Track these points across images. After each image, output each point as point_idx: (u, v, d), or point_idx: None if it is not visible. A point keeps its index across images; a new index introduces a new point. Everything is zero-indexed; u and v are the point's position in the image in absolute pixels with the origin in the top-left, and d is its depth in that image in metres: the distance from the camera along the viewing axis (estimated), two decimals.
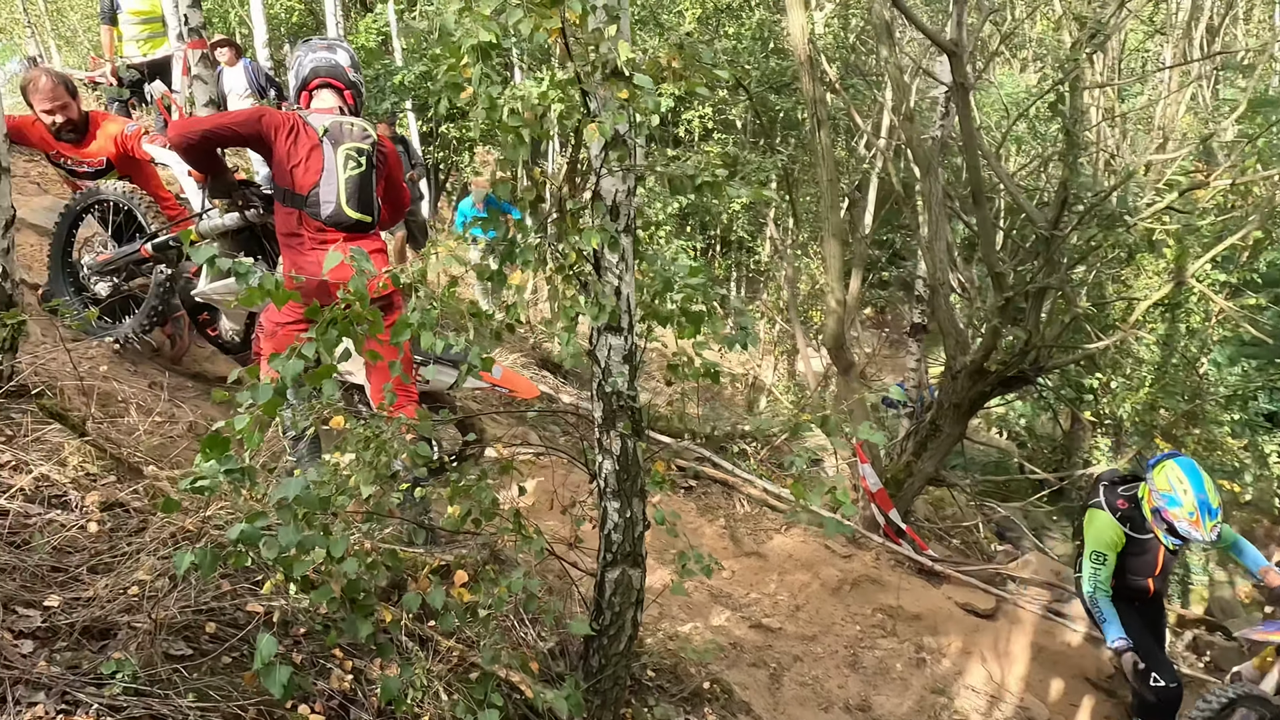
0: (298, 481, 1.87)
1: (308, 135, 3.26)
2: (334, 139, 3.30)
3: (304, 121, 3.28)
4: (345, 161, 3.30)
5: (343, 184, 3.28)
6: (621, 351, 2.60)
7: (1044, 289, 5.21)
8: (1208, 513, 3.75)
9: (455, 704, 2.35)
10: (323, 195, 3.25)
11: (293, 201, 3.24)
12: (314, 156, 3.24)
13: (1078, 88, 5.10)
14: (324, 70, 3.42)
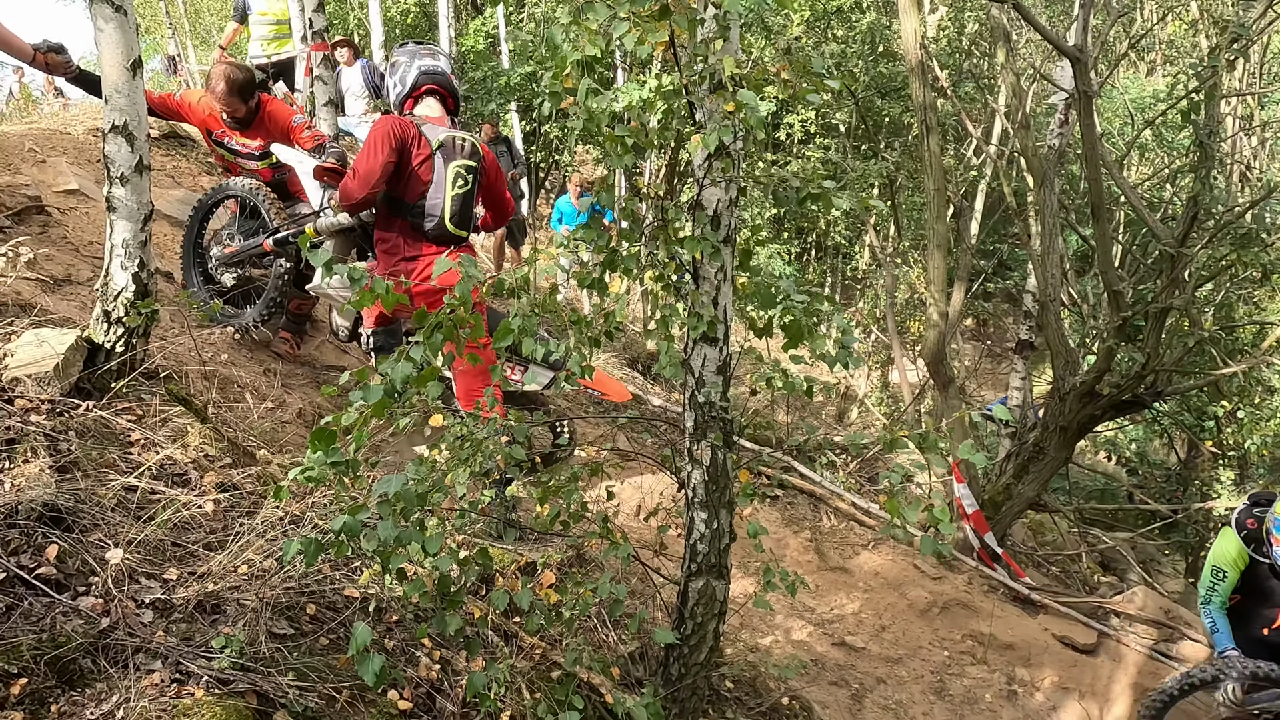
0: (398, 478, 1.94)
1: (422, 147, 3.37)
2: (446, 155, 3.42)
3: (420, 132, 3.39)
4: (455, 179, 3.42)
5: (449, 200, 3.40)
6: (716, 362, 2.58)
7: (1166, 309, 4.89)
8: None
9: (537, 703, 2.39)
10: (428, 208, 3.37)
11: (398, 208, 3.37)
12: (425, 168, 3.36)
13: (1214, 95, 4.77)
14: (431, 77, 3.52)
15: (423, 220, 3.38)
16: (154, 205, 3.06)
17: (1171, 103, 5.22)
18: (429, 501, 2.11)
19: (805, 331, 2.59)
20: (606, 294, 2.29)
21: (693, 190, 2.41)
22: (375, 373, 2.16)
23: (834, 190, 2.24)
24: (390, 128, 3.37)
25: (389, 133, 3.35)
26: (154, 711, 1.84)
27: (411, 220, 3.38)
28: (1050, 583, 6.77)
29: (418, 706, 2.46)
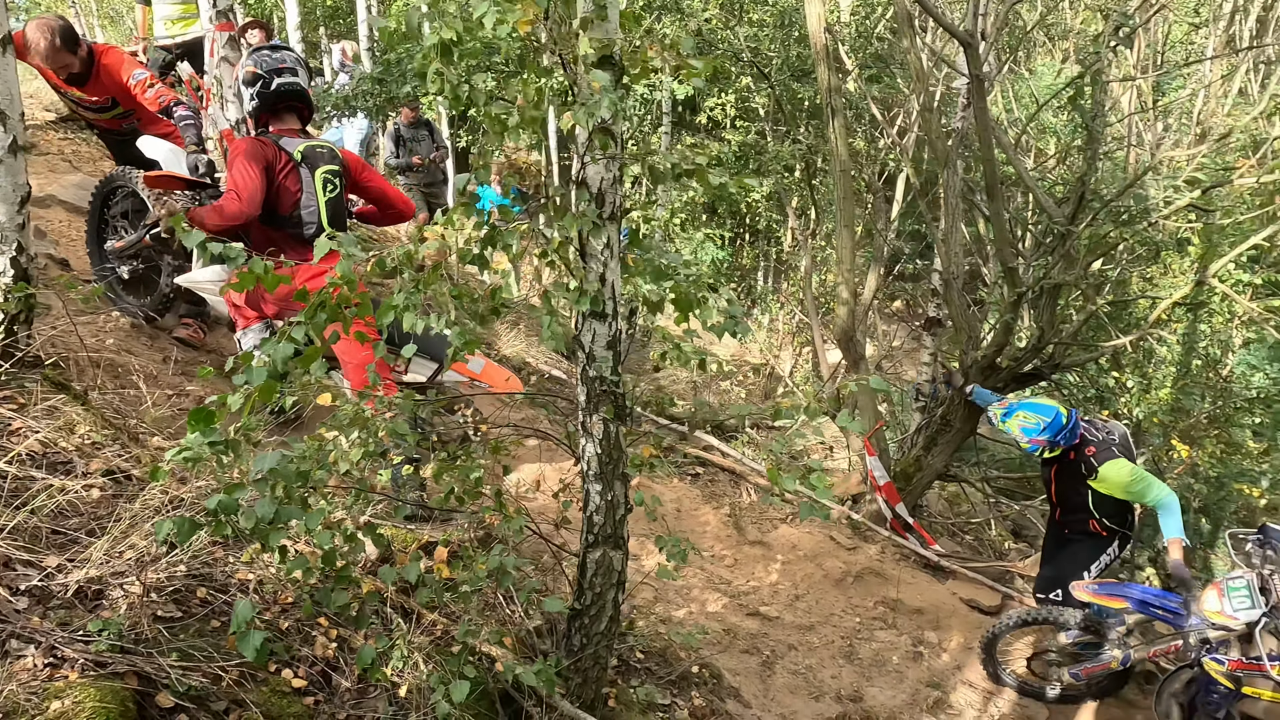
0: (275, 455, 1.94)
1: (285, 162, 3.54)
2: (310, 164, 3.60)
3: (279, 148, 3.56)
4: (324, 185, 3.62)
5: (323, 206, 3.61)
6: (606, 338, 2.63)
7: (1058, 285, 5.14)
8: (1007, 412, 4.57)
9: (432, 673, 2.43)
10: (305, 217, 3.57)
11: (273, 220, 3.54)
12: (291, 180, 3.53)
13: (1100, 81, 5.00)
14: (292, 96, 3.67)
15: (302, 229, 3.57)
16: (31, 188, 2.97)
17: (1060, 87, 5.48)
18: (311, 479, 2.12)
19: (693, 304, 2.67)
20: (488, 270, 2.32)
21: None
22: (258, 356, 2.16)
23: (708, 167, 2.30)
24: (254, 148, 3.51)
25: (255, 153, 3.49)
26: (24, 695, 1.83)
27: (290, 230, 3.57)
28: (961, 550, 7.06)
29: (313, 685, 2.47)
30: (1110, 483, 4.35)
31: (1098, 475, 4.39)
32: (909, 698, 4.36)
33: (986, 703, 4.63)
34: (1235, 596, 3.83)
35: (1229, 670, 3.80)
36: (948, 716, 4.31)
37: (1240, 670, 3.79)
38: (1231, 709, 3.90)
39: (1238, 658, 3.80)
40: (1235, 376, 7.50)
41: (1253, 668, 3.75)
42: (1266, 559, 3.91)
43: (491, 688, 2.81)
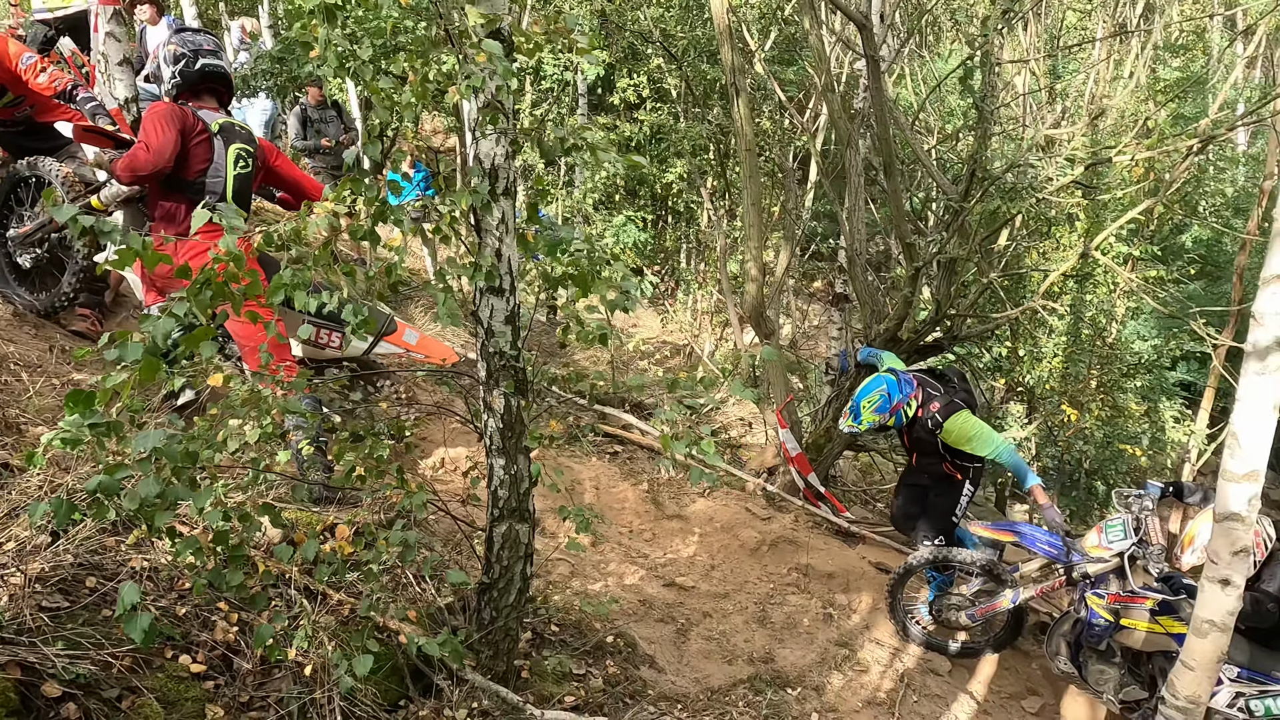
0: (158, 434, 1.91)
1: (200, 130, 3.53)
2: (226, 138, 3.59)
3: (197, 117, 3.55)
4: (236, 160, 3.61)
5: (230, 180, 3.59)
6: (504, 313, 2.67)
7: (954, 259, 5.38)
8: (853, 414, 4.82)
9: (335, 651, 2.44)
10: (209, 186, 3.54)
11: (176, 185, 3.49)
12: (202, 149, 3.51)
13: (990, 63, 5.24)
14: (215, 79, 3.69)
15: (204, 197, 3.54)
16: None
17: (951, 69, 5.73)
18: (201, 459, 2.09)
19: (590, 280, 2.72)
20: (385, 247, 2.32)
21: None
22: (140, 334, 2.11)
23: (600, 145, 2.35)
24: (170, 110, 3.50)
25: (172, 114, 3.48)
26: None
27: (191, 197, 3.53)
28: (872, 517, 7.33)
29: (213, 669, 2.45)
30: (954, 435, 4.71)
31: (944, 429, 4.74)
32: (819, 657, 4.54)
33: (893, 658, 4.85)
34: (1111, 531, 4.25)
35: (1108, 604, 4.12)
36: (855, 672, 4.51)
37: (1118, 603, 4.11)
38: (1111, 640, 4.22)
39: (1115, 591, 4.13)
40: (1120, 344, 7.99)
41: (1129, 600, 4.09)
42: (1144, 507, 4.28)
43: (401, 663, 2.82)
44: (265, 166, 3.89)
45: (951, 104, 10.50)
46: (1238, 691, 3.94)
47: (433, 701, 2.79)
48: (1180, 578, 4.08)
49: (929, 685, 4.73)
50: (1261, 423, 2.80)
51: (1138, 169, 5.60)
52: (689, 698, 3.77)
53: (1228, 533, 2.92)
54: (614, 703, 3.48)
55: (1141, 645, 4.20)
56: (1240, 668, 3.92)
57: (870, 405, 4.77)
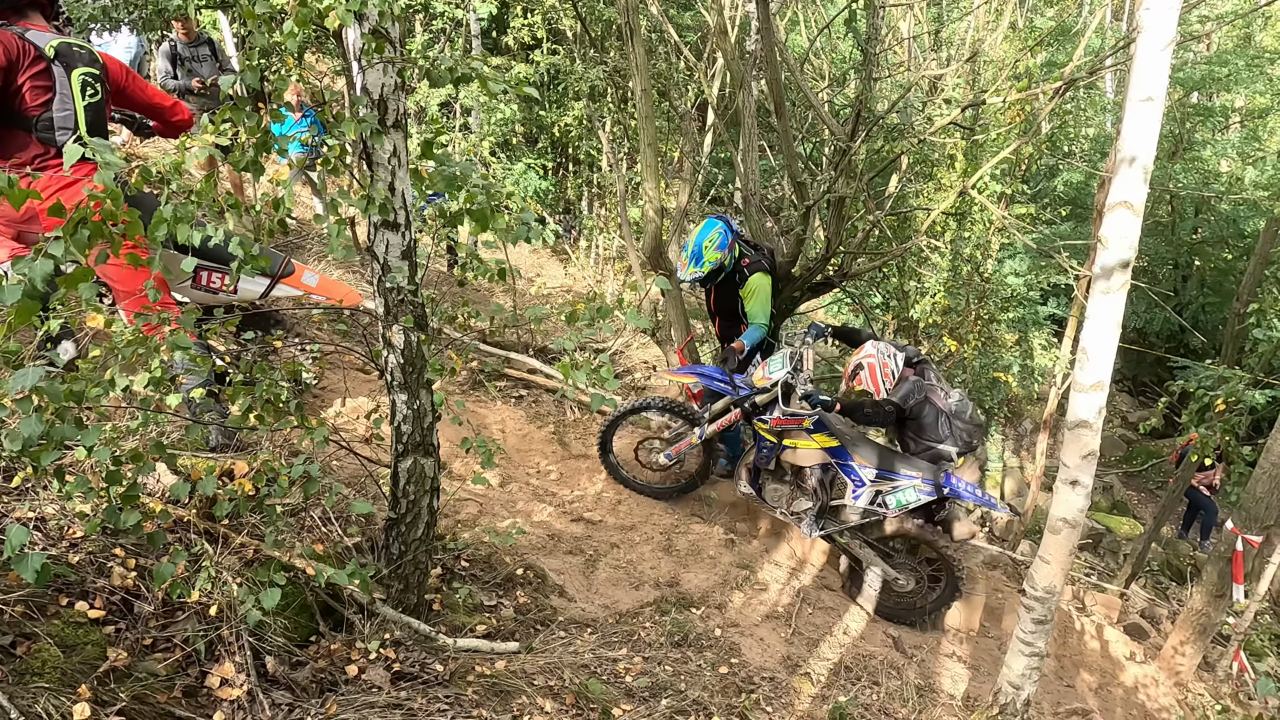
0: (36, 371, 1.86)
1: (33, 54, 3.10)
2: (66, 63, 3.17)
3: (25, 41, 3.10)
4: (83, 88, 3.21)
5: (80, 111, 3.20)
6: (400, 248, 2.66)
7: (841, 199, 5.60)
8: (694, 259, 5.03)
9: (241, 589, 2.44)
10: (58, 120, 3.16)
11: (19, 122, 3.11)
12: (41, 77, 3.11)
13: (874, 6, 5.41)
14: None
15: (53, 133, 3.15)
16: None
17: (837, 13, 5.89)
18: (87, 398, 2.04)
19: (488, 215, 2.73)
20: (261, 177, 2.27)
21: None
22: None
23: (490, 76, 2.35)
24: None
25: None
26: None
27: (39, 135, 3.13)
28: None
29: (112, 614, 2.42)
30: (750, 290, 5.18)
31: (746, 284, 5.18)
32: (721, 579, 4.78)
33: (790, 577, 5.16)
34: (772, 364, 4.88)
35: (771, 426, 4.83)
36: (755, 591, 4.78)
37: (780, 426, 4.81)
38: (778, 460, 5.00)
39: (778, 415, 4.78)
40: (995, 279, 8.52)
41: (789, 422, 4.78)
42: (804, 342, 4.98)
43: (310, 600, 2.85)
44: (115, 89, 3.45)
45: (842, 50, 10.74)
46: (877, 490, 4.74)
47: (344, 635, 2.84)
48: (818, 394, 4.71)
49: (823, 599, 5.07)
50: (1107, 337, 3.10)
51: (1011, 111, 5.94)
52: (598, 622, 3.93)
53: (1077, 438, 3.24)
54: (525, 630, 3.60)
55: (802, 460, 4.94)
56: (877, 470, 4.71)
57: (711, 244, 5.02)
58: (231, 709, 2.33)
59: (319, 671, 2.64)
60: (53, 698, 2.02)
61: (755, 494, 5.21)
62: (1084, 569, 8.20)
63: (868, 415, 4.76)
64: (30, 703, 1.97)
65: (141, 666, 2.29)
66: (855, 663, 4.28)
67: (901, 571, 4.94)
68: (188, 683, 2.36)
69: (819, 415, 4.78)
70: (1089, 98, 13.33)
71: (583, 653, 3.52)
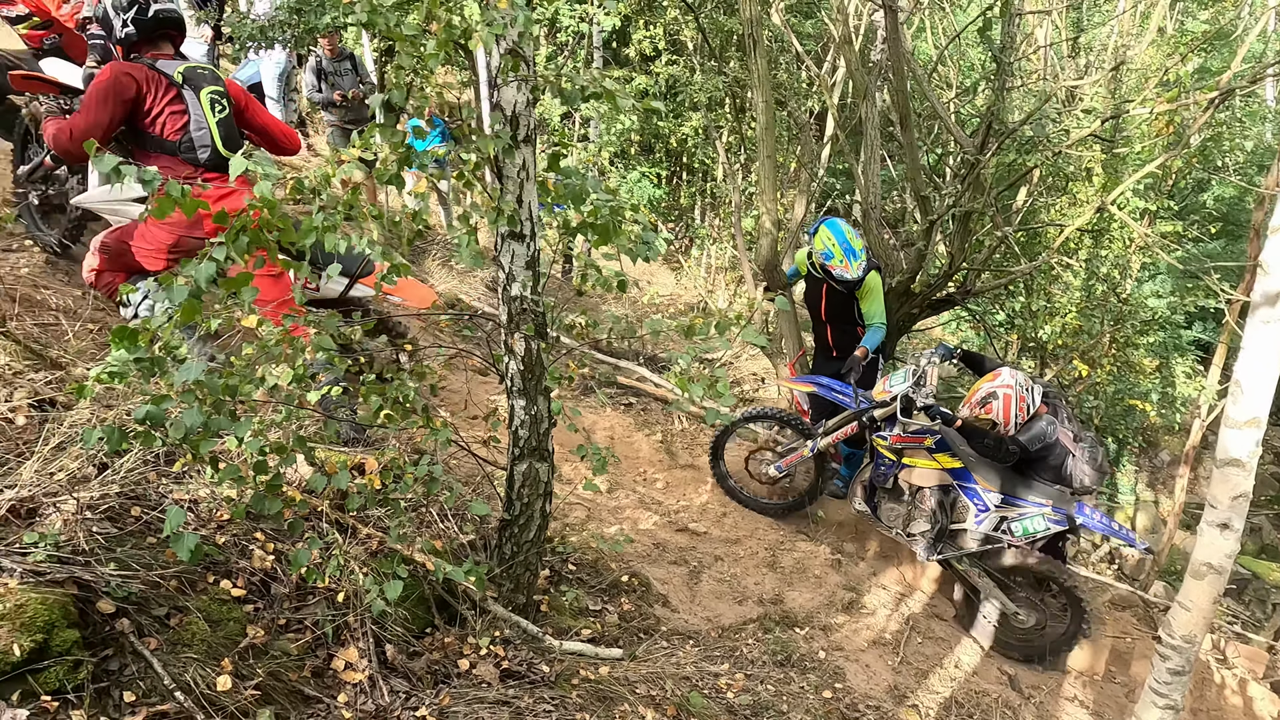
0: (200, 365, 2.02)
1: (163, 84, 3.36)
2: (193, 85, 3.42)
3: (155, 70, 3.37)
4: (211, 105, 3.46)
5: (214, 128, 3.44)
6: (524, 258, 2.75)
7: (969, 213, 5.39)
8: (851, 254, 4.92)
9: (367, 578, 2.57)
10: (196, 140, 3.40)
11: (163, 149, 3.37)
12: (174, 103, 3.36)
13: (1008, 13, 5.18)
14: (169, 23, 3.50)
15: (195, 152, 3.41)
16: None
17: (970, 21, 5.65)
18: (240, 392, 2.20)
19: (610, 228, 2.78)
20: (409, 193, 2.39)
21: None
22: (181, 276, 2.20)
23: (619, 92, 2.40)
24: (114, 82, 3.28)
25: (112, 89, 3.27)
26: None
27: (184, 155, 3.40)
28: None
29: (251, 592, 2.60)
30: (869, 289, 5.10)
31: (864, 284, 5.07)
32: (826, 600, 4.68)
33: (898, 603, 4.99)
34: (894, 378, 4.76)
35: (891, 444, 4.69)
36: (861, 615, 4.65)
37: (900, 443, 4.67)
38: (896, 477, 4.84)
39: (898, 433, 4.65)
40: (1134, 300, 7.98)
41: (908, 440, 4.63)
42: (929, 360, 4.81)
43: (428, 593, 2.97)
44: (235, 110, 3.67)
45: (972, 57, 10.35)
46: (1002, 515, 4.54)
47: (457, 629, 2.94)
48: (938, 407, 4.60)
49: (933, 629, 4.87)
50: (1265, 371, 2.85)
51: (1158, 122, 5.56)
52: (701, 634, 3.92)
53: (1227, 478, 2.99)
54: (628, 637, 3.63)
55: (921, 480, 4.74)
56: (1003, 495, 4.53)
57: (856, 238, 4.96)
58: (354, 692, 2.46)
59: (433, 663, 2.74)
60: (200, 668, 2.19)
61: (870, 512, 5.06)
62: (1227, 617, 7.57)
63: (987, 446, 4.54)
64: (181, 671, 2.14)
65: (276, 645, 2.45)
66: (967, 699, 4.10)
67: (1022, 605, 4.69)
68: (316, 664, 2.51)
69: (941, 434, 4.60)
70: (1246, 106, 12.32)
71: (684, 664, 3.52)
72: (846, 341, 5.44)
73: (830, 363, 5.57)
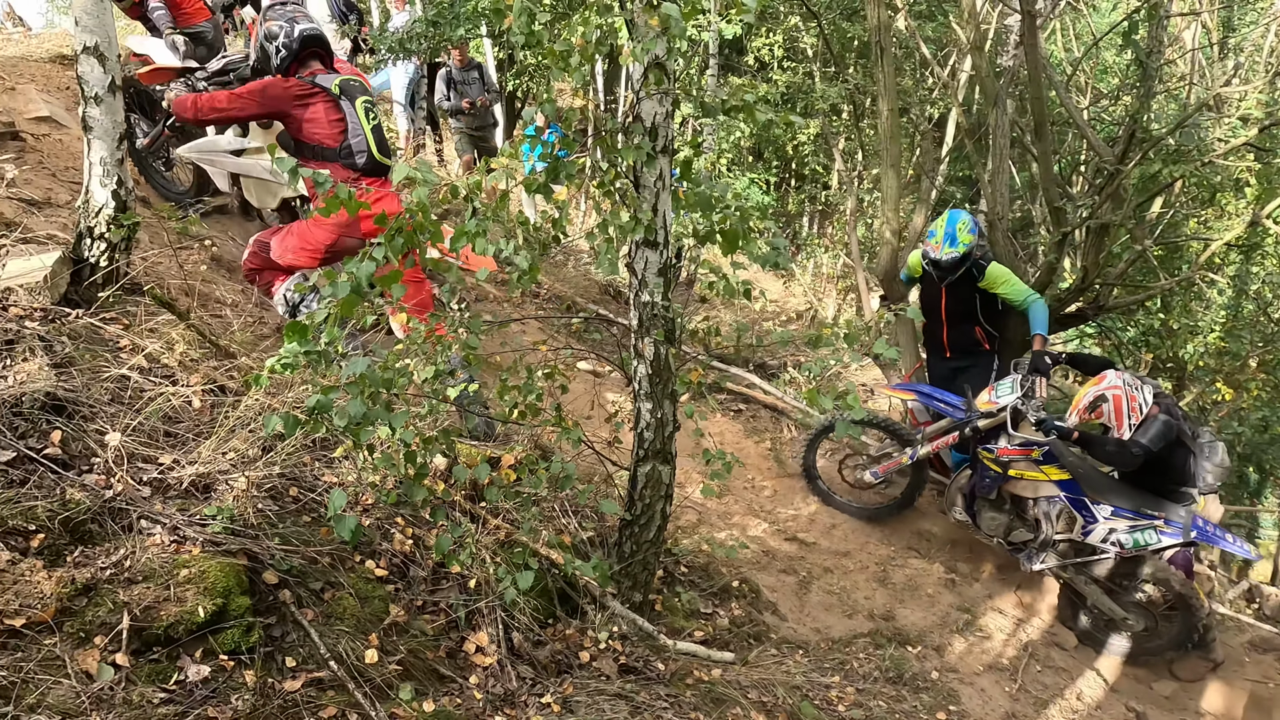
0: (364, 361, 2.18)
1: (321, 94, 3.66)
2: (349, 95, 3.73)
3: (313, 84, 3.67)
4: (365, 113, 3.75)
5: (369, 134, 3.74)
6: (657, 265, 2.82)
7: (1105, 225, 5.14)
8: (949, 240, 4.85)
9: (498, 567, 2.70)
10: (354, 146, 3.70)
11: (323, 155, 3.68)
12: (333, 111, 3.66)
13: (1157, 15, 4.92)
14: (314, 42, 3.80)
15: (354, 159, 3.71)
16: (127, 125, 3.22)
17: (1115, 24, 5.37)
18: (395, 386, 2.36)
19: (740, 236, 2.83)
20: (552, 200, 2.50)
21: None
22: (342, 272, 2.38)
23: (758, 104, 2.44)
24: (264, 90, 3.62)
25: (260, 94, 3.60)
26: (157, 564, 2.12)
27: (344, 162, 3.70)
28: None
29: (392, 573, 2.77)
30: (995, 279, 4.96)
31: (985, 275, 4.97)
32: (939, 619, 4.56)
33: (1016, 628, 4.81)
34: (1001, 388, 4.67)
35: (997, 456, 4.60)
36: (977, 637, 4.51)
37: (1006, 455, 4.58)
38: (1000, 489, 4.73)
39: (1004, 445, 4.58)
40: None
41: (1015, 453, 4.55)
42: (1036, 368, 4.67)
43: (550, 586, 3.08)
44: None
45: (1106, 60, 9.83)
46: (1112, 528, 4.41)
47: (578, 622, 3.04)
48: (1053, 419, 4.43)
49: (1053, 657, 4.68)
50: None
51: None
52: (810, 645, 3.91)
53: None
54: (739, 642, 3.66)
55: (1027, 492, 4.63)
56: (1114, 507, 4.40)
57: (964, 228, 4.88)
58: (485, 675, 2.58)
59: (556, 653, 2.85)
60: (350, 640, 2.35)
61: (970, 521, 4.96)
62: None
63: (1109, 454, 4.36)
64: (334, 642, 2.31)
65: (414, 625, 2.61)
66: None
67: (1130, 610, 4.55)
68: (449, 645, 2.65)
69: (1050, 447, 4.48)
70: None
71: (794, 673, 3.51)
72: (964, 341, 5.34)
73: (944, 363, 5.47)
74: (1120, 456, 4.30)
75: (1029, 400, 4.52)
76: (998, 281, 4.97)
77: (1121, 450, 4.27)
